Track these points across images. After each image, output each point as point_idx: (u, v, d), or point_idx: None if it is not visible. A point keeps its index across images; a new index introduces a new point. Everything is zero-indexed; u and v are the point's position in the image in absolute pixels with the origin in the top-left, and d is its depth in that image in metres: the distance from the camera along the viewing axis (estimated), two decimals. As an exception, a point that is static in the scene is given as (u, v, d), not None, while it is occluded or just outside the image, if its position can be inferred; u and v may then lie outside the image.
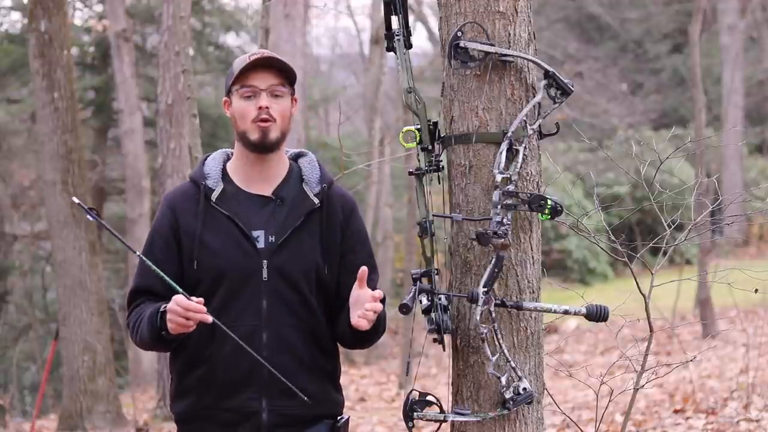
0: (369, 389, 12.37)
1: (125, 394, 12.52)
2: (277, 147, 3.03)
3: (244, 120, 2.99)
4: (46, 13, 9.34)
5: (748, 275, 4.39)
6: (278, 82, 3.00)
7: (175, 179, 10.01)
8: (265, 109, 2.97)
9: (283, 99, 3.02)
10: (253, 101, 2.98)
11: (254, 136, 2.98)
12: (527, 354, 2.99)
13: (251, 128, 2.98)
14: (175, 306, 2.82)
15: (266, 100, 2.98)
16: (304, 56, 14.37)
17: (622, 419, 4.79)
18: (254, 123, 2.97)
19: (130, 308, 3.05)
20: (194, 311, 2.81)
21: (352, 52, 33.88)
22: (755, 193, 8.73)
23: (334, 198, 3.07)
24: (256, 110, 2.97)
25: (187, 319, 2.82)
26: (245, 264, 2.97)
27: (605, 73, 25.37)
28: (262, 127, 2.97)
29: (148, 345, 3.01)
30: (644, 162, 4.38)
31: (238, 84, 3.00)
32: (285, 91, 3.02)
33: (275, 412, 2.96)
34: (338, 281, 3.04)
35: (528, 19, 3.02)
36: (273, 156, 3.04)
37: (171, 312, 2.83)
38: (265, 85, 2.99)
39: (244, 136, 3.00)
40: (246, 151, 3.03)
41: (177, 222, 3.02)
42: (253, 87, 2.98)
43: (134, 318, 3.01)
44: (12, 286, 17.52)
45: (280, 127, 3.00)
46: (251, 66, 2.98)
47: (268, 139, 2.98)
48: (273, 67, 3.00)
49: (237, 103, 3.01)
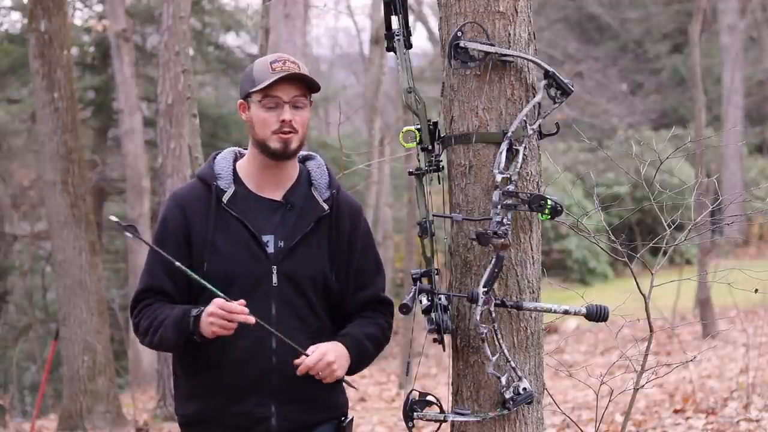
0: (369, 389, 12.36)
1: (125, 394, 12.53)
2: (296, 155, 3.04)
3: (264, 129, 2.97)
4: (46, 13, 9.34)
5: (748, 275, 4.39)
6: (301, 93, 2.99)
7: (175, 179, 10.01)
8: (288, 123, 2.96)
9: (304, 110, 3.01)
10: (276, 112, 2.96)
11: (275, 146, 2.97)
12: (527, 354, 2.99)
13: (272, 138, 2.97)
14: (218, 310, 2.82)
15: (289, 113, 2.96)
16: (304, 56, 14.37)
17: (622, 419, 4.79)
18: (275, 134, 2.96)
19: (140, 307, 3.02)
20: (237, 313, 2.82)
21: (352, 52, 33.89)
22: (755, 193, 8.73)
23: (342, 204, 3.07)
24: (279, 122, 2.96)
25: (230, 321, 2.82)
26: (255, 269, 2.97)
27: (605, 73, 25.36)
28: (283, 138, 2.96)
29: (171, 347, 3.00)
30: (644, 162, 4.37)
31: (260, 93, 2.97)
32: (306, 102, 3.02)
33: (284, 418, 2.97)
34: (343, 287, 3.05)
35: (528, 19, 3.02)
36: (288, 162, 3.04)
37: (213, 316, 2.83)
38: (288, 98, 2.97)
39: (263, 144, 2.99)
40: (261, 157, 3.02)
41: (187, 223, 3.00)
42: (276, 98, 2.97)
43: (149, 319, 2.98)
44: (12, 286, 17.53)
45: (300, 137, 3.00)
46: (280, 79, 2.95)
47: (289, 149, 2.98)
48: (297, 79, 2.98)
49: (257, 112, 2.98)
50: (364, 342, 3.02)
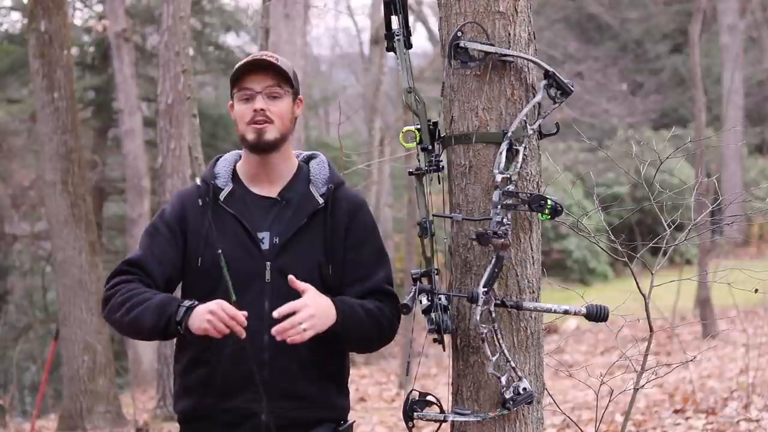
0: (369, 389, 12.37)
1: (125, 394, 12.52)
2: (276, 148, 3.03)
3: (242, 122, 3.01)
4: (46, 13, 9.34)
5: (748, 275, 4.39)
6: (274, 83, 3.01)
7: (175, 179, 10.02)
8: (260, 111, 2.98)
9: (281, 100, 3.02)
10: (250, 104, 3.00)
11: (250, 137, 3.00)
12: (527, 354, 2.99)
13: (247, 130, 3.00)
14: (219, 310, 2.81)
15: (262, 102, 2.99)
16: (304, 56, 14.37)
17: (622, 419, 4.79)
18: (249, 125, 2.99)
19: (118, 278, 2.99)
20: (238, 322, 2.81)
21: (352, 52, 33.89)
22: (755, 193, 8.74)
23: (340, 199, 3.07)
24: (252, 112, 2.99)
25: (226, 326, 2.81)
26: (249, 265, 2.97)
27: (605, 73, 25.35)
28: (257, 128, 2.98)
29: (141, 331, 2.94)
30: (644, 162, 4.37)
31: (236, 87, 3.02)
32: (282, 92, 3.02)
33: (275, 414, 2.95)
34: (342, 281, 3.04)
35: (528, 19, 3.01)
36: (275, 156, 3.04)
37: (213, 314, 2.81)
38: (260, 87, 3.00)
39: (243, 138, 3.03)
40: (248, 153, 3.06)
41: (185, 217, 3.03)
42: (249, 89, 3.00)
43: (124, 296, 2.94)
44: (12, 286, 17.53)
45: (278, 128, 3.00)
46: (246, 68, 3.00)
47: (263, 140, 2.99)
48: (269, 69, 3.00)
49: (237, 107, 3.03)
50: (357, 309, 2.96)
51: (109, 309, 2.97)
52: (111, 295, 2.97)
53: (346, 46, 36.75)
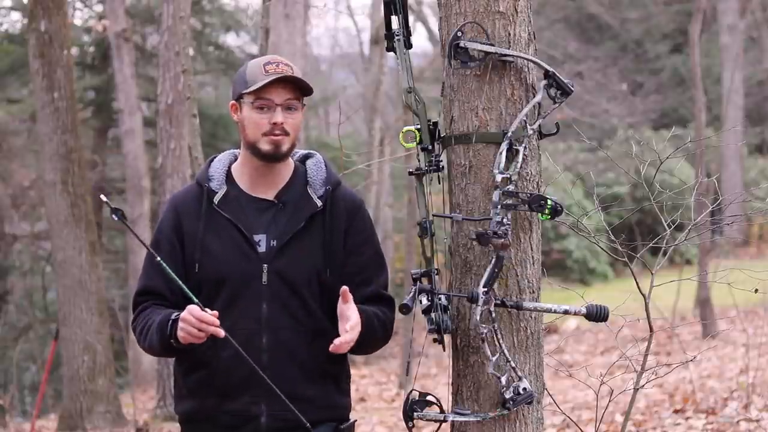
0: (369, 389, 12.37)
1: (125, 394, 12.52)
2: (287, 157, 3.02)
3: (255, 131, 2.96)
4: (46, 13, 9.34)
5: (748, 275, 4.39)
6: (294, 96, 2.97)
7: (175, 179, 10.01)
8: (279, 126, 2.94)
9: (297, 112, 3.00)
10: (267, 114, 2.95)
11: (266, 148, 2.96)
12: (527, 354, 2.99)
13: (263, 140, 2.95)
14: (189, 316, 2.81)
15: (281, 115, 2.94)
16: (304, 56, 14.38)
17: (622, 419, 4.79)
18: (266, 136, 2.95)
19: (136, 311, 3.03)
20: (208, 323, 2.80)
21: (352, 52, 33.88)
22: (755, 193, 8.74)
23: (339, 200, 3.05)
24: (270, 125, 2.94)
25: (200, 331, 2.81)
26: (245, 268, 2.96)
27: (605, 73, 25.34)
28: (274, 140, 2.95)
29: (158, 352, 3.00)
30: (644, 162, 4.37)
31: (252, 95, 2.95)
32: (299, 105, 3.00)
33: (275, 417, 2.95)
34: (341, 284, 3.03)
35: (528, 19, 3.01)
36: (279, 163, 3.02)
37: (184, 321, 2.81)
38: (280, 100, 2.95)
39: (253, 146, 2.98)
40: (253, 158, 3.01)
41: (180, 224, 3.01)
42: (268, 101, 2.95)
43: (141, 323, 2.99)
44: (12, 286, 17.53)
45: (291, 140, 2.98)
46: (270, 82, 2.94)
47: (279, 152, 2.97)
48: (290, 82, 2.97)
49: (249, 113, 2.97)
50: (373, 319, 2.97)
51: (138, 340, 3.03)
52: (134, 329, 3.04)
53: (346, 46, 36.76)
